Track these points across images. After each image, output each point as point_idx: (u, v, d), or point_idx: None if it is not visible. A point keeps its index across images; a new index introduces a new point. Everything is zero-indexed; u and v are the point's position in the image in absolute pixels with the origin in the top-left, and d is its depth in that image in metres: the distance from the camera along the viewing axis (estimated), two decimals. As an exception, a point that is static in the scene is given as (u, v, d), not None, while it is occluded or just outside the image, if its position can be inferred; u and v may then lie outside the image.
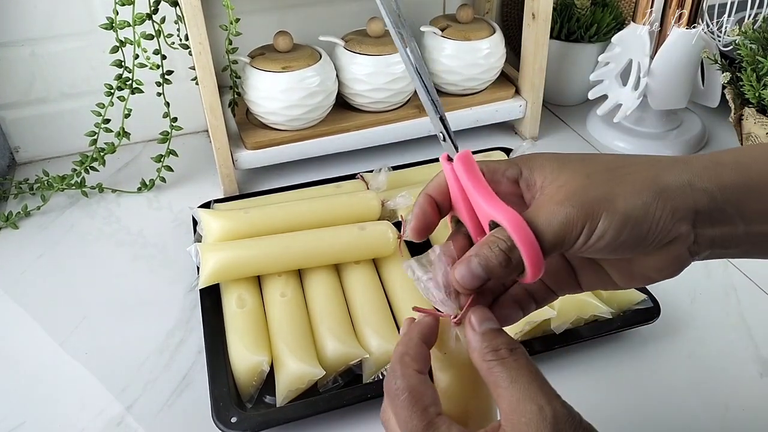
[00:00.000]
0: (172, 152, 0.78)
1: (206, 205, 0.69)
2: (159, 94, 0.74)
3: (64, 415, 0.53)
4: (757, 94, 0.70)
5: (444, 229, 0.37)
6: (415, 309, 0.36)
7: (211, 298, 0.59)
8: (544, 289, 0.38)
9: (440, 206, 0.36)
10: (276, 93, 0.74)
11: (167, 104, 0.76)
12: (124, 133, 0.76)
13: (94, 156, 0.76)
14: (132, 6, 0.67)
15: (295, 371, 0.51)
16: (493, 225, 0.32)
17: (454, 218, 0.36)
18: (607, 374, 0.55)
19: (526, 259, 0.31)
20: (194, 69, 0.68)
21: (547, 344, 0.55)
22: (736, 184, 0.33)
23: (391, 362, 0.34)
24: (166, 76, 0.74)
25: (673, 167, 0.33)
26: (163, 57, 0.72)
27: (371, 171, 0.71)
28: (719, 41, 0.78)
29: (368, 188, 0.69)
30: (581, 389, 0.54)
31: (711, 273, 0.66)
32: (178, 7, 0.71)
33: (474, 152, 0.79)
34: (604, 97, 0.84)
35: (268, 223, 0.62)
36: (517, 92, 0.87)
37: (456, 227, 0.37)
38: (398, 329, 0.56)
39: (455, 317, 0.34)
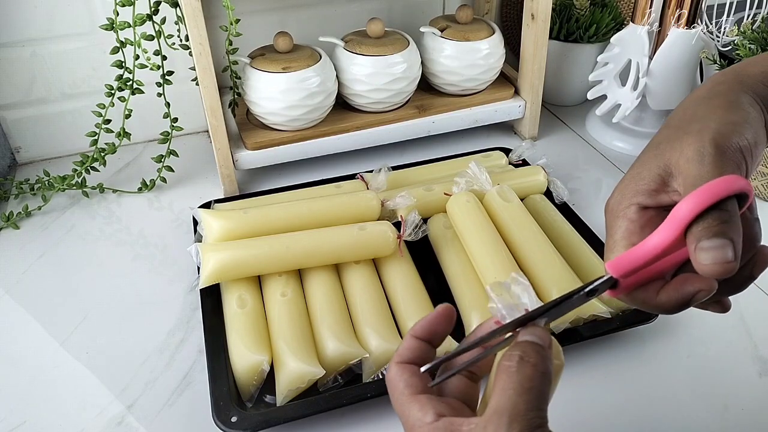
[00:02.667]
0: (173, 152, 0.78)
1: (207, 205, 0.70)
2: (159, 95, 0.74)
3: (65, 414, 0.53)
4: (755, 95, 0.71)
5: (444, 236, 0.37)
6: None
7: (211, 298, 0.59)
8: None
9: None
10: (276, 93, 0.74)
11: (168, 105, 0.76)
12: (124, 134, 0.76)
13: (95, 156, 0.77)
14: (132, 7, 0.67)
15: (295, 371, 0.51)
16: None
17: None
18: (606, 374, 0.55)
19: None
20: (194, 69, 0.69)
21: (546, 344, 0.55)
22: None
23: None
24: (166, 77, 0.74)
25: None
26: (164, 57, 0.72)
27: (371, 171, 0.71)
28: (718, 41, 0.79)
29: (368, 188, 0.69)
30: (580, 389, 0.54)
31: (710, 273, 0.65)
32: (178, 8, 0.71)
33: (473, 152, 0.79)
34: (603, 98, 0.85)
35: (268, 223, 0.62)
36: (517, 92, 0.87)
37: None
38: (398, 329, 0.56)
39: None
